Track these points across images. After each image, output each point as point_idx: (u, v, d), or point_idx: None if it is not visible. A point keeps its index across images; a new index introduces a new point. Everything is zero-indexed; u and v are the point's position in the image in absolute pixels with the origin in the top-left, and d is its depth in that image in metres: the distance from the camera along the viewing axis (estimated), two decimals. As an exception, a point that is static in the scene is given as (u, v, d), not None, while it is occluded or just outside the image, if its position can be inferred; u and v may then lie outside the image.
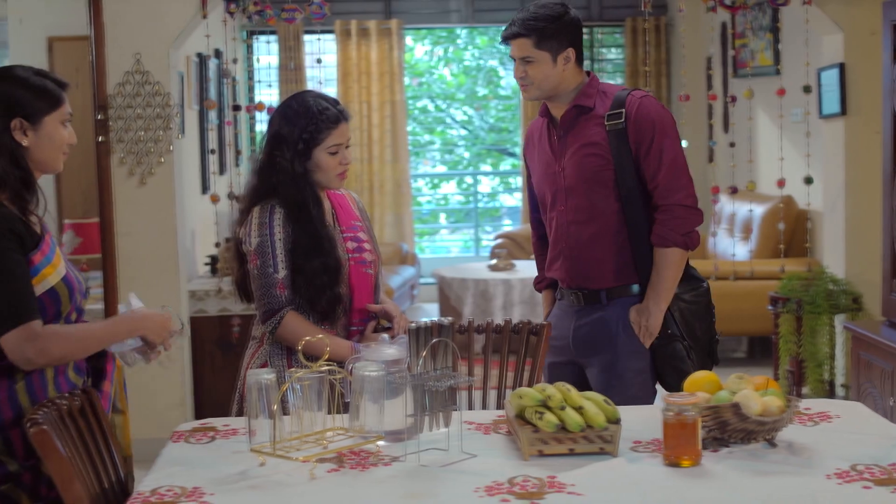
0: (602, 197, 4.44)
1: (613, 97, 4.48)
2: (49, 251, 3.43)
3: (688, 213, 4.41)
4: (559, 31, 4.44)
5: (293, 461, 3.20)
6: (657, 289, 4.40)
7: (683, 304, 4.49)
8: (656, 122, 4.41)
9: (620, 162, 4.40)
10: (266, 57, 13.27)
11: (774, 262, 8.63)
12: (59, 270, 3.44)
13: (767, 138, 10.33)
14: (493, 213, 16.18)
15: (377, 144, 13.26)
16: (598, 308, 4.51)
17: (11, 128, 3.41)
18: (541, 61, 4.44)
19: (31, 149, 3.45)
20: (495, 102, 16.40)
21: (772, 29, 10.27)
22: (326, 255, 4.09)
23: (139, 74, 7.08)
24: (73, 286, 3.48)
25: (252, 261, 4.10)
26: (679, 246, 4.39)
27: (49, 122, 3.47)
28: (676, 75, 12.81)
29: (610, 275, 4.48)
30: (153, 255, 7.19)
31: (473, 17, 13.44)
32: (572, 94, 4.51)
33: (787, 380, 7.65)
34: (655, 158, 4.38)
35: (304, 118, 4.11)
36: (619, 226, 4.45)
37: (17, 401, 3.36)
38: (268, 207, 4.10)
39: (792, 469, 3.15)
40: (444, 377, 3.42)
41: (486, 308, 10.17)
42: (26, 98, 3.44)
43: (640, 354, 4.45)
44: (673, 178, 4.40)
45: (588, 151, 4.45)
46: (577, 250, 4.53)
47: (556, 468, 3.16)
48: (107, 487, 3.37)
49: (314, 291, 4.07)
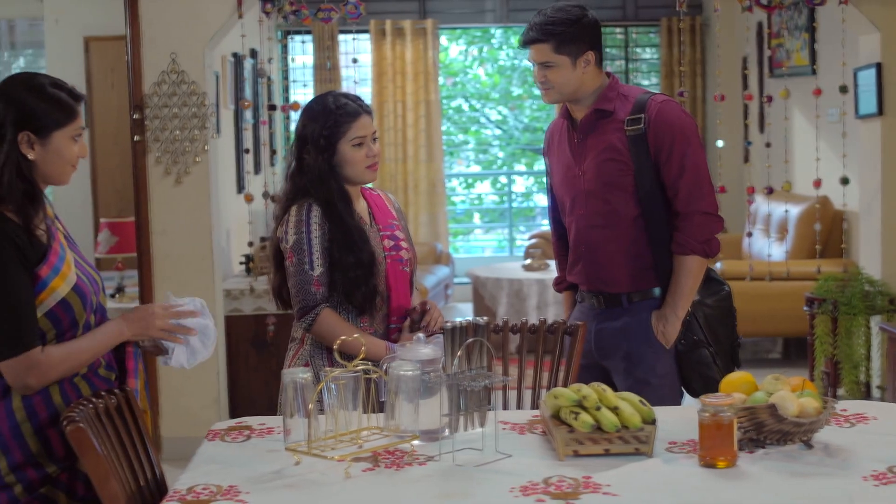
0: (621, 202, 4.41)
1: (634, 101, 4.44)
2: (57, 261, 3.40)
3: (707, 221, 4.38)
4: (578, 34, 4.40)
5: (328, 460, 3.20)
6: (675, 296, 4.39)
7: (707, 310, 4.48)
8: (676, 127, 4.37)
9: (640, 167, 4.37)
10: (301, 56, 13.30)
11: (810, 262, 8.59)
12: (70, 279, 3.41)
13: (803, 138, 10.28)
14: (527, 213, 16.17)
15: (412, 144, 13.27)
16: (620, 311, 4.49)
17: (18, 141, 3.36)
18: (560, 66, 4.40)
19: (38, 162, 3.40)
20: (530, 102, 16.38)
21: (808, 28, 10.22)
22: (359, 249, 4.11)
23: (175, 74, 7.10)
24: (86, 293, 3.45)
25: (289, 258, 4.13)
26: (698, 254, 4.36)
27: (58, 137, 3.41)
28: (712, 75, 12.76)
29: (628, 279, 4.46)
30: (188, 254, 7.21)
31: (508, 17, 13.43)
32: (592, 96, 4.47)
33: (822, 381, 7.62)
34: (676, 165, 4.35)
35: (324, 115, 4.16)
36: (638, 230, 4.42)
37: (51, 401, 3.38)
38: (305, 205, 4.12)
39: (828, 470, 3.14)
40: (480, 377, 3.42)
41: (521, 308, 10.16)
42: (38, 111, 3.38)
43: (664, 358, 4.43)
44: (693, 185, 4.36)
45: (608, 156, 4.42)
46: (596, 254, 4.51)
47: (592, 468, 3.15)
48: (142, 485, 3.38)
49: (350, 286, 4.09)
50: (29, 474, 3.35)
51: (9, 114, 3.37)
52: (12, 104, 3.38)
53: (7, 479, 3.34)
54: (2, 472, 3.34)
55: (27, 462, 3.35)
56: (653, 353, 4.42)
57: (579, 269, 4.58)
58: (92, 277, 3.54)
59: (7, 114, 3.37)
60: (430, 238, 13.30)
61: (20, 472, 3.34)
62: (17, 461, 3.34)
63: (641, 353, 4.43)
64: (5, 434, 3.34)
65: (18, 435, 3.34)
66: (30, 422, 3.34)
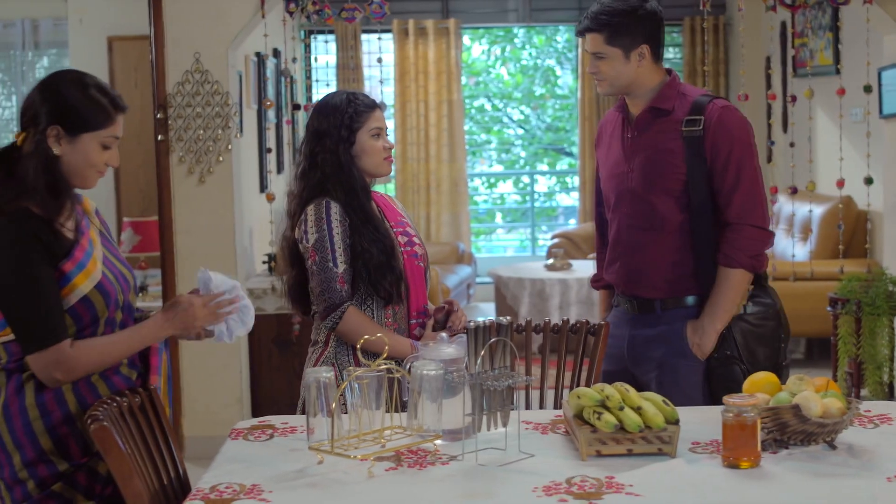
0: (668, 206, 4.28)
1: (693, 102, 4.29)
2: (83, 257, 3.42)
3: (758, 235, 4.25)
4: (633, 26, 4.24)
5: (351, 459, 3.21)
6: (715, 308, 4.24)
7: (746, 326, 4.30)
8: (736, 135, 4.23)
9: (693, 172, 4.23)
10: (324, 56, 13.32)
11: (833, 262, 8.56)
12: (94, 277, 3.42)
13: (827, 138, 10.25)
14: (549, 213, 16.16)
15: (434, 144, 13.27)
16: (653, 319, 4.37)
17: (47, 133, 3.38)
18: (612, 58, 4.26)
19: (63, 159, 3.41)
20: (552, 102, 16.37)
21: (832, 28, 10.19)
22: (383, 236, 4.10)
23: (198, 74, 7.12)
24: (110, 291, 3.45)
25: (311, 257, 4.09)
26: (745, 268, 4.23)
27: (87, 139, 3.42)
28: (735, 75, 12.73)
29: (664, 285, 4.34)
30: (211, 252, 7.22)
31: (531, 17, 13.43)
32: (650, 93, 4.32)
33: (845, 381, 7.59)
34: (732, 174, 4.21)
35: (342, 107, 4.16)
36: (681, 236, 4.29)
37: (63, 400, 3.39)
38: (323, 203, 4.10)
39: (852, 471, 3.13)
40: (503, 377, 3.42)
41: (543, 308, 10.15)
42: (74, 108, 3.40)
43: (695, 369, 4.29)
44: (748, 197, 4.23)
45: (660, 157, 4.29)
46: (635, 256, 4.39)
47: (615, 469, 3.15)
48: (166, 484, 3.39)
49: (377, 274, 4.06)
50: (40, 471, 3.37)
51: (45, 105, 3.39)
52: (52, 96, 3.41)
53: (20, 474, 3.37)
54: (16, 467, 3.37)
55: (39, 459, 3.37)
56: (686, 364, 4.29)
57: (616, 268, 4.47)
58: (122, 275, 3.55)
59: (44, 104, 3.40)
60: (452, 238, 13.30)
61: (32, 469, 3.37)
62: (30, 458, 3.37)
63: (675, 365, 4.30)
64: (18, 431, 3.37)
65: (30, 432, 3.36)
66: (42, 420, 3.36)
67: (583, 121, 13.37)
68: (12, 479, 3.38)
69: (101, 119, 3.43)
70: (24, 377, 3.38)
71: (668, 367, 4.31)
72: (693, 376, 4.29)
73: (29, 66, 12.11)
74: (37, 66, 12.23)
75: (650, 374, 4.35)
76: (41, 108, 3.39)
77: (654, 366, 4.35)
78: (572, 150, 15.26)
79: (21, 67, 12.09)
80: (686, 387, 4.26)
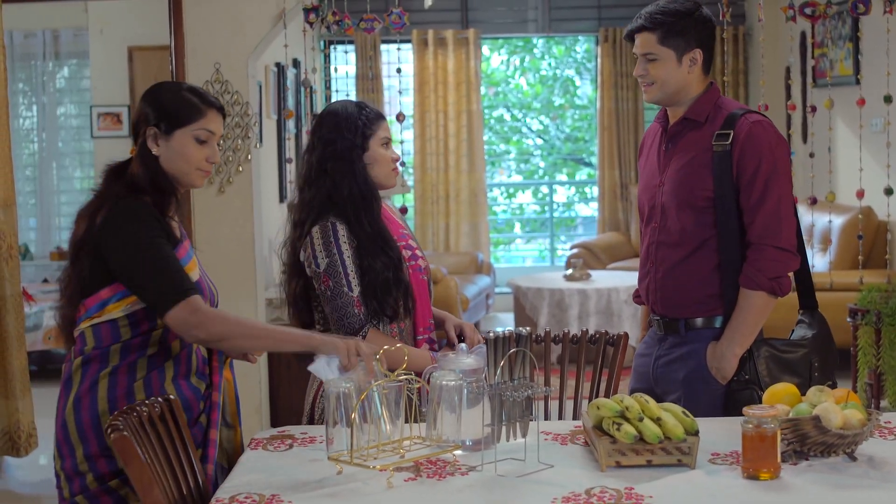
0: (695, 222, 4.15)
1: (727, 115, 4.15)
2: (185, 255, 3.61)
3: (781, 257, 4.08)
4: (688, 28, 4.14)
5: (370, 469, 3.21)
6: (735, 332, 4.09)
7: (773, 352, 4.16)
8: (765, 152, 4.07)
9: (721, 187, 4.09)
10: (343, 66, 13.34)
11: (853, 273, 8.54)
12: (194, 274, 3.60)
13: (847, 149, 10.23)
14: (568, 223, 16.14)
15: (453, 154, 13.28)
16: (679, 340, 4.24)
17: (147, 136, 3.59)
18: (665, 59, 4.15)
19: (162, 159, 3.61)
20: (571, 112, 16.35)
21: (852, 38, 10.18)
22: (389, 248, 4.06)
23: (219, 84, 7.14)
24: (205, 293, 3.61)
25: (324, 282, 4.02)
26: (765, 290, 4.06)
27: (180, 136, 3.61)
28: (755, 85, 12.73)
29: (692, 305, 4.21)
30: (231, 262, 7.23)
31: (550, 27, 13.44)
32: (690, 103, 4.22)
33: (865, 393, 7.57)
34: (758, 192, 4.05)
35: (354, 115, 4.14)
36: (709, 254, 4.16)
37: (134, 399, 3.50)
38: (328, 226, 4.04)
39: (872, 483, 3.12)
40: (522, 387, 3.42)
41: (562, 318, 10.14)
42: (166, 108, 3.61)
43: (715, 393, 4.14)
44: (773, 217, 4.06)
45: (690, 171, 4.16)
46: (662, 274, 4.26)
47: (634, 479, 3.15)
48: (185, 494, 3.40)
49: (385, 288, 4.01)
50: (100, 466, 3.49)
51: (144, 111, 3.63)
52: (150, 103, 3.64)
53: (81, 467, 3.50)
54: (77, 459, 3.50)
55: (101, 454, 3.49)
56: (707, 388, 4.16)
57: (645, 285, 4.36)
58: (210, 288, 3.74)
59: (143, 111, 3.63)
60: (471, 247, 13.30)
61: (92, 462, 3.49)
62: (92, 451, 3.49)
63: (695, 388, 4.17)
64: (85, 424, 3.50)
65: (97, 426, 3.49)
66: (110, 415, 3.45)
67: (602, 131, 13.36)
68: (73, 470, 3.51)
69: (191, 113, 3.62)
70: (101, 373, 3.52)
71: (689, 390, 4.18)
72: (713, 400, 4.14)
73: (49, 76, 12.16)
74: (57, 77, 12.28)
75: (672, 396, 4.19)
76: (142, 114, 3.63)
77: (677, 387, 4.22)
78: (591, 161, 15.25)
79: (42, 78, 12.14)
80: (706, 411, 3.99)
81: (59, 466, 3.56)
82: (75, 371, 3.55)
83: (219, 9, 7.13)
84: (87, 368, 3.53)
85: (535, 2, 13.41)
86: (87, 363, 3.53)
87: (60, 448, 3.55)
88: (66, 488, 3.54)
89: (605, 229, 13.39)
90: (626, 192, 13.29)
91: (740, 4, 12.95)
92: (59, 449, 3.55)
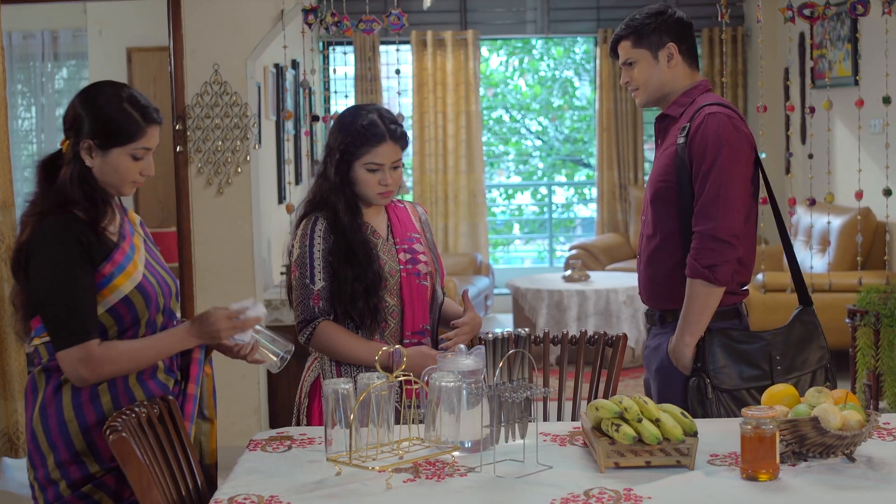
0: (664, 214, 4.25)
1: (695, 109, 4.21)
2: (123, 259, 3.50)
3: (717, 246, 4.08)
4: (658, 26, 4.27)
5: (369, 471, 3.21)
6: (682, 320, 4.16)
7: (727, 341, 4.16)
8: (712, 140, 4.10)
9: (680, 179, 4.18)
10: (342, 67, 13.34)
11: (852, 274, 8.54)
12: (134, 278, 3.50)
13: (845, 150, 10.23)
14: (567, 224, 16.14)
15: (452, 155, 13.28)
16: (658, 331, 4.34)
17: (81, 146, 3.49)
18: (641, 60, 4.30)
19: (96, 171, 3.52)
20: (570, 113, 16.36)
21: (851, 39, 10.18)
22: (360, 265, 4.08)
23: (217, 85, 7.14)
24: (150, 293, 3.53)
25: (293, 271, 4.16)
26: (702, 278, 4.09)
27: (117, 153, 3.51)
28: (753, 86, 12.73)
29: (664, 296, 4.30)
30: (230, 263, 7.24)
31: (549, 28, 13.43)
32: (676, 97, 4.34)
33: (864, 393, 7.57)
34: (699, 182, 4.11)
35: (348, 130, 4.14)
36: (675, 247, 4.22)
37: (99, 402, 3.46)
38: (312, 219, 4.14)
39: (871, 484, 3.12)
40: (521, 388, 3.42)
41: (561, 319, 10.14)
42: (105, 124, 3.50)
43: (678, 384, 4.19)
44: (710, 204, 4.08)
45: (660, 164, 4.28)
46: (643, 265, 4.39)
47: (633, 481, 3.15)
48: (184, 494, 3.40)
49: (348, 299, 4.06)
50: (72, 472, 3.44)
51: (81, 117, 3.50)
52: (88, 109, 3.51)
53: (53, 475, 3.45)
54: (49, 468, 3.45)
55: (71, 460, 3.45)
56: (673, 379, 4.21)
57: (637, 278, 4.49)
58: (164, 281, 3.64)
59: (80, 117, 3.51)
60: (470, 249, 13.30)
61: (64, 469, 3.45)
62: (63, 458, 3.45)
63: (664, 378, 4.25)
64: (53, 431, 3.45)
65: (65, 433, 3.44)
66: (77, 421, 3.43)
67: (601, 132, 13.36)
68: (46, 479, 3.47)
69: (131, 132, 3.51)
70: (63, 378, 3.46)
71: (660, 380, 4.28)
72: (679, 391, 4.17)
73: (48, 77, 12.15)
74: (56, 78, 12.27)
75: (652, 384, 4.36)
76: (78, 119, 3.51)
77: (653, 376, 4.35)
78: (590, 162, 15.25)
79: (41, 79, 12.13)
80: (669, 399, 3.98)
81: (33, 477, 3.52)
82: (38, 379, 3.52)
83: (218, 10, 7.14)
84: (49, 375, 3.49)
85: (533, 3, 13.40)
86: (48, 370, 3.49)
87: (32, 458, 3.51)
88: (40, 498, 3.50)
89: (603, 230, 13.39)
90: (625, 193, 13.30)
91: (739, 5, 12.95)
92: (31, 459, 3.51)
